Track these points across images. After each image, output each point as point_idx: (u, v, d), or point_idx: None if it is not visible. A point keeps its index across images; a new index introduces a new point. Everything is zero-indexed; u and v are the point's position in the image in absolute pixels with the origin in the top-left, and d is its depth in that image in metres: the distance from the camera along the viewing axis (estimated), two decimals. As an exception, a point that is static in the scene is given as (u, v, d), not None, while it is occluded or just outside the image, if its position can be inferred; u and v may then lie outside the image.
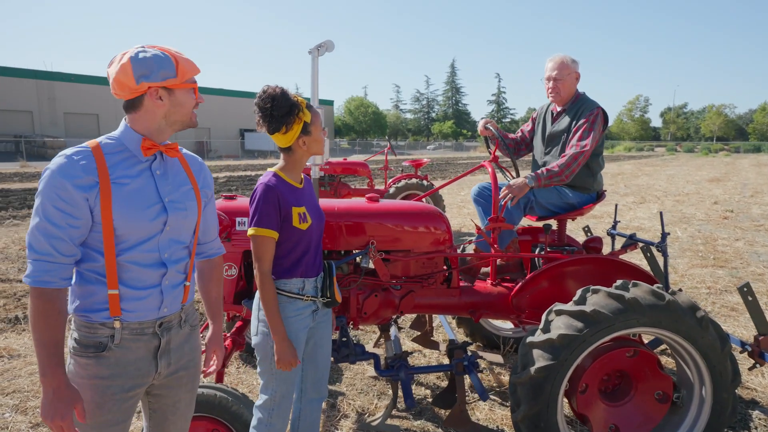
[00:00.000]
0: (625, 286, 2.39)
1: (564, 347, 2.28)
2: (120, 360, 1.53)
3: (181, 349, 1.68)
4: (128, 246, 1.50)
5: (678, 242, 8.49)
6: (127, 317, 1.52)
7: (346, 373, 3.70)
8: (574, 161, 3.04)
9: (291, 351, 2.00)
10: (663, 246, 3.05)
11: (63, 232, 1.40)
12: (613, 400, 2.52)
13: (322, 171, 8.74)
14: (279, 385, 2.08)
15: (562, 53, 3.23)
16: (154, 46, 1.50)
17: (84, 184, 1.41)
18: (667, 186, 18.20)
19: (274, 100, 1.92)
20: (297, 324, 2.06)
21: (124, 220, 1.47)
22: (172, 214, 1.57)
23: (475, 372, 2.66)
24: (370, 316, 2.80)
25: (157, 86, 1.48)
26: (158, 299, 1.58)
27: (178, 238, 1.61)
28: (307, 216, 2.04)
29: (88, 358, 1.50)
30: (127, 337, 1.53)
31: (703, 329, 2.33)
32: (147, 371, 1.59)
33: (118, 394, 1.55)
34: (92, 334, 1.50)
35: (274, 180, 1.99)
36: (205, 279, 1.88)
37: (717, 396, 2.39)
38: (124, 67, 1.45)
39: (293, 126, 1.94)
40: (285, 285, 2.04)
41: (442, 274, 2.91)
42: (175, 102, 1.53)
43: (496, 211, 2.95)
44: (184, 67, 1.52)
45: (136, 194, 1.50)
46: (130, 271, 1.52)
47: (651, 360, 2.46)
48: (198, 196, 1.68)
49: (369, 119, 76.85)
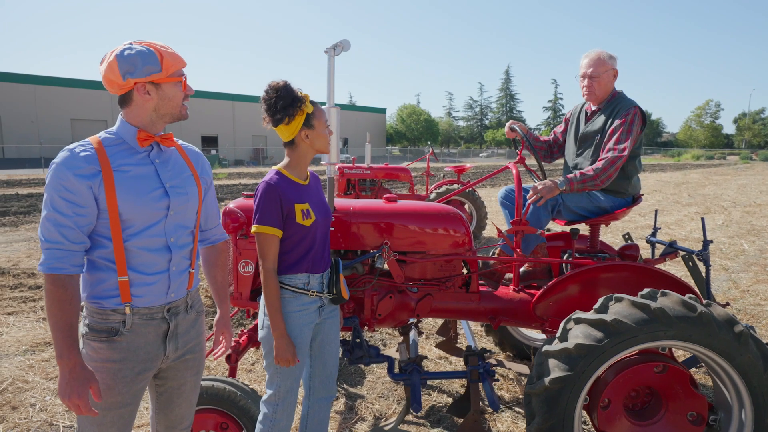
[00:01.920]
0: (653, 295, 2.21)
1: (581, 358, 2.14)
2: (131, 344, 1.61)
3: (188, 334, 1.76)
4: (135, 231, 1.57)
5: (744, 255, 7.84)
6: (137, 303, 1.60)
7: (369, 376, 3.66)
8: (611, 166, 2.87)
9: (290, 348, 1.99)
10: (705, 254, 2.82)
11: (70, 221, 1.48)
12: (641, 419, 2.33)
13: (364, 176, 8.81)
14: (283, 380, 2.08)
15: (599, 48, 3.07)
16: (141, 42, 1.56)
17: (86, 173, 1.49)
18: (737, 196, 16.88)
19: (277, 92, 1.95)
20: (302, 319, 2.06)
21: (128, 205, 1.54)
22: (174, 198, 1.64)
23: (489, 380, 2.54)
24: (385, 318, 2.75)
25: (143, 82, 1.54)
26: (166, 284, 1.65)
27: (182, 222, 1.68)
28: (311, 212, 2.04)
29: (100, 342, 1.58)
30: (137, 322, 1.61)
31: (741, 346, 2.11)
32: (156, 355, 1.67)
33: (128, 377, 1.62)
34: (104, 320, 1.58)
35: (276, 178, 2.01)
36: (211, 265, 1.96)
37: (759, 421, 2.15)
38: (111, 65, 1.52)
39: (295, 117, 1.96)
40: (290, 280, 2.04)
41: (460, 277, 2.82)
42: (163, 96, 1.59)
43: (519, 214, 2.83)
44: (169, 61, 1.56)
45: (138, 180, 1.57)
46: (139, 257, 1.59)
47: (683, 377, 2.25)
48: (198, 183, 1.76)
49: (421, 127, 76.79)
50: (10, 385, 3.47)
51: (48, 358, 3.92)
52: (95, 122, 41.93)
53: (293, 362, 2.01)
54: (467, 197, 8.59)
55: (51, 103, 41.02)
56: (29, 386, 3.46)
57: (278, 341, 1.99)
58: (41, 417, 3.08)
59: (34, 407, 3.19)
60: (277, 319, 1.99)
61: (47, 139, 38.77)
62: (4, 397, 3.31)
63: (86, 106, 41.63)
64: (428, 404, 3.26)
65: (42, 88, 41.00)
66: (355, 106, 76.40)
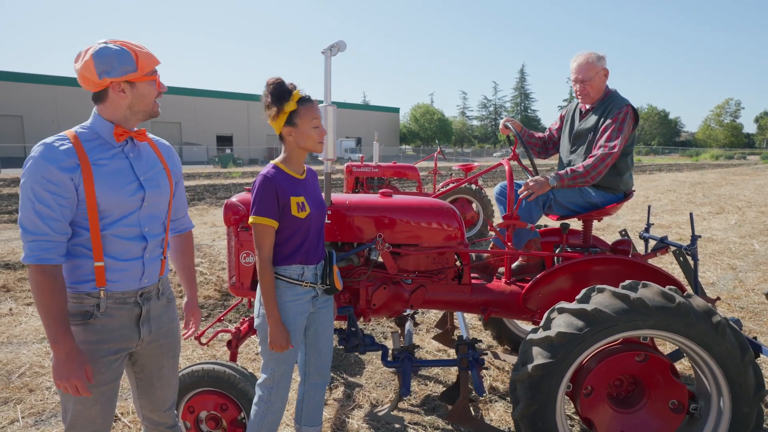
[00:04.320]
0: (634, 286, 2.29)
1: (563, 346, 2.22)
2: (105, 326, 1.69)
3: (160, 319, 1.85)
4: (111, 221, 1.65)
5: (753, 255, 7.78)
6: (111, 287, 1.68)
7: (368, 366, 3.78)
8: (601, 162, 2.93)
9: (284, 335, 2.11)
10: (693, 249, 2.88)
11: (56, 212, 1.55)
12: (624, 406, 2.41)
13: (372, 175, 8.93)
14: (277, 365, 2.20)
15: (587, 51, 3.13)
16: (116, 41, 1.64)
17: (68, 166, 1.56)
18: (754, 196, 16.62)
19: (267, 87, 2.06)
20: (295, 308, 2.17)
21: (106, 196, 1.62)
22: (148, 191, 1.73)
23: (477, 368, 2.64)
24: (380, 308, 2.86)
25: (118, 81, 1.61)
26: (140, 270, 1.74)
27: (155, 213, 1.77)
28: (306, 205, 2.14)
29: (76, 326, 1.65)
30: (111, 306, 1.69)
31: (719, 335, 2.17)
32: (130, 337, 1.75)
33: (105, 357, 1.70)
34: (79, 303, 1.66)
35: (273, 171, 2.12)
36: (179, 251, 2.06)
37: (736, 409, 2.22)
38: (87, 64, 1.59)
39: (279, 115, 2.06)
40: (285, 271, 2.15)
41: (453, 270, 2.91)
42: (137, 94, 1.66)
43: (511, 209, 2.92)
44: (144, 61, 1.63)
45: (115, 174, 1.66)
46: (114, 245, 1.67)
47: (664, 366, 2.32)
48: (169, 176, 1.85)
49: (434, 126, 76.67)
50: (28, 369, 3.66)
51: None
52: None
53: (287, 348, 2.13)
54: (474, 195, 8.64)
55: (71, 103, 41.88)
56: (45, 371, 3.64)
57: (273, 328, 2.10)
58: (55, 399, 3.25)
59: (49, 390, 3.37)
60: (272, 307, 2.10)
61: (67, 138, 39.59)
62: (22, 380, 3.50)
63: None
64: (424, 393, 3.36)
65: (62, 89, 41.94)
66: (368, 105, 76.63)
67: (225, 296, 5.42)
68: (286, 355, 2.19)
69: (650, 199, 15.56)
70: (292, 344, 2.17)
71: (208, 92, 50.75)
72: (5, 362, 3.78)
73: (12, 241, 8.43)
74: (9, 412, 3.11)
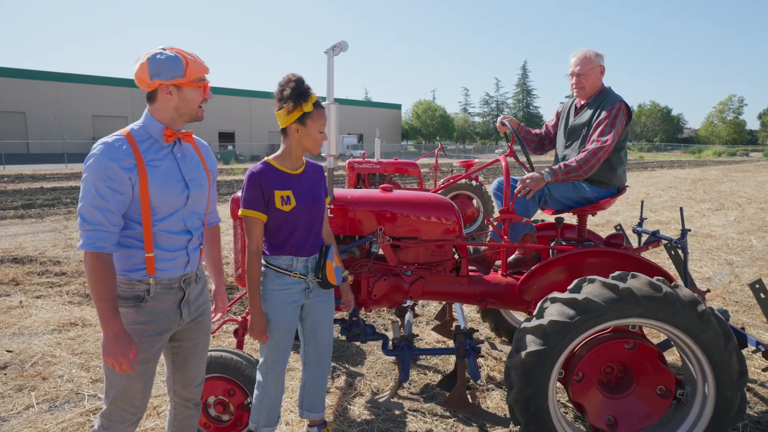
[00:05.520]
0: (623, 276, 2.39)
1: (555, 333, 2.33)
2: (153, 309, 1.86)
3: (197, 300, 2.03)
4: (161, 217, 1.82)
5: (751, 251, 7.86)
6: (160, 275, 1.85)
7: (369, 357, 3.89)
8: (593, 157, 3.03)
9: (261, 324, 2.23)
10: (683, 242, 2.98)
11: (113, 206, 1.70)
12: (614, 392, 2.51)
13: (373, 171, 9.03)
14: (270, 351, 2.31)
15: (585, 48, 3.23)
16: (172, 48, 1.80)
17: (127, 166, 1.72)
18: (754, 193, 16.67)
19: (289, 83, 2.17)
20: (284, 298, 2.27)
21: (158, 195, 1.78)
22: (193, 190, 1.90)
23: (473, 356, 2.75)
24: (381, 299, 2.97)
25: (166, 84, 1.77)
26: (185, 260, 1.92)
27: (196, 210, 1.94)
28: (292, 199, 2.23)
29: (128, 308, 1.81)
30: (159, 291, 1.86)
31: (704, 324, 2.27)
32: (174, 318, 1.93)
33: (152, 337, 1.87)
34: (131, 289, 1.82)
35: (261, 167, 2.24)
36: (208, 242, 2.21)
37: (720, 394, 2.32)
38: (143, 66, 1.76)
39: (294, 111, 2.17)
40: (274, 260, 2.27)
41: (451, 262, 3.02)
42: (183, 97, 1.82)
43: (507, 204, 3.02)
44: (193, 68, 1.80)
45: (166, 174, 1.82)
46: (163, 239, 1.84)
47: (652, 353, 2.43)
48: (208, 175, 2.01)
49: (436, 123, 76.63)
50: (40, 359, 3.78)
51: (74, 336, 4.24)
52: (116, 118, 42.90)
53: (263, 338, 2.24)
54: (475, 192, 8.74)
55: (73, 99, 42.12)
56: (57, 360, 3.77)
57: (253, 316, 2.22)
58: (68, 387, 3.38)
59: (62, 378, 3.50)
60: (254, 296, 2.22)
61: (70, 134, 39.83)
62: (35, 369, 3.62)
63: (107, 102, 42.63)
64: (423, 382, 3.47)
65: (64, 85, 42.09)
66: (370, 102, 76.57)
67: (229, 289, 5.54)
68: (276, 343, 2.30)
69: (651, 196, 15.63)
70: (279, 333, 2.27)
71: (210, 89, 50.71)
72: (18, 352, 3.90)
73: (19, 236, 8.57)
74: (24, 398, 3.23)
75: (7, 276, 5.94)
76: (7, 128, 39.15)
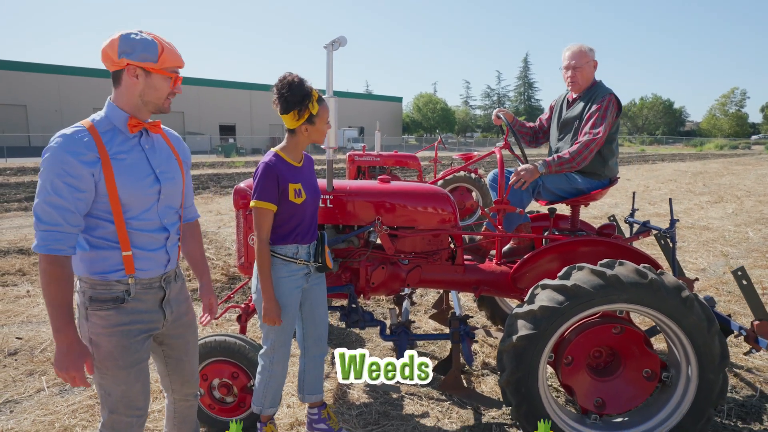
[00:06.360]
0: (611, 264, 2.48)
1: (545, 318, 2.43)
2: (135, 309, 1.75)
3: (178, 299, 1.93)
4: (133, 215, 1.70)
5: (747, 242, 7.95)
6: (139, 275, 1.74)
7: (367, 344, 4.00)
8: (585, 148, 3.11)
9: (276, 309, 2.31)
10: (671, 232, 3.07)
11: (71, 204, 1.55)
12: (602, 375, 2.62)
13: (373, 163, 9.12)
14: (276, 336, 2.41)
15: (579, 42, 3.31)
16: (150, 33, 1.67)
17: (88, 160, 1.57)
18: (754, 186, 16.73)
19: (290, 87, 2.20)
20: (290, 283, 2.38)
21: (126, 190, 1.66)
22: (164, 184, 1.77)
23: (468, 341, 2.85)
24: (378, 286, 3.07)
25: (135, 65, 1.62)
26: (165, 258, 1.82)
27: (171, 204, 1.83)
28: (302, 192, 2.33)
29: (108, 310, 1.69)
30: (139, 291, 1.75)
31: (687, 309, 2.37)
32: (157, 318, 1.83)
33: (139, 336, 1.77)
34: (109, 290, 1.69)
35: (274, 159, 2.31)
36: (188, 240, 2.11)
37: (703, 376, 2.42)
38: (113, 42, 1.62)
39: (303, 114, 2.23)
40: (281, 249, 2.36)
41: (447, 251, 3.11)
42: (150, 84, 1.67)
43: (502, 194, 3.11)
44: (167, 56, 1.66)
45: (133, 167, 1.69)
46: (140, 237, 1.72)
47: (638, 337, 2.53)
48: (181, 167, 1.89)
49: (437, 116, 76.48)
50: (49, 345, 3.90)
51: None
52: None
53: (278, 322, 2.33)
54: (474, 184, 8.82)
55: (74, 92, 42.11)
56: (65, 347, 3.88)
57: (266, 303, 2.30)
58: (77, 372, 3.49)
59: (70, 363, 3.61)
60: (267, 284, 2.30)
61: (71, 127, 39.79)
62: (44, 355, 3.74)
63: (108, 95, 42.50)
64: (420, 368, 3.58)
65: (66, 78, 42.09)
66: (371, 95, 76.36)
67: (231, 280, 5.65)
68: (284, 326, 2.40)
69: (650, 189, 15.70)
70: (287, 317, 2.37)
71: (211, 81, 50.78)
72: (27, 339, 4.02)
73: (23, 228, 8.68)
74: (35, 382, 3.35)
75: (14, 266, 6.06)
76: (8, 121, 39.25)
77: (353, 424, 2.90)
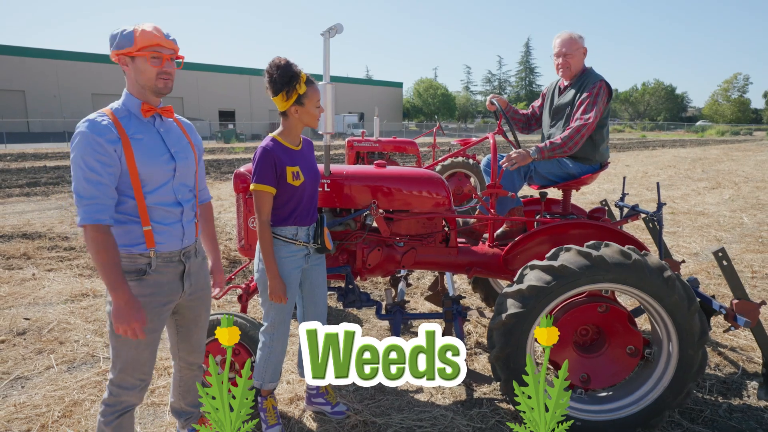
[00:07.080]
0: (597, 245, 2.58)
1: (532, 297, 2.53)
2: (156, 281, 1.95)
3: (197, 274, 2.14)
4: (150, 189, 1.89)
5: (741, 228, 8.06)
6: (159, 248, 1.94)
7: (364, 325, 4.12)
8: (577, 134, 3.19)
9: (282, 287, 2.42)
10: (658, 215, 3.16)
11: (105, 178, 1.77)
12: (587, 352, 2.73)
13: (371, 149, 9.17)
14: (277, 314, 2.52)
15: (569, 30, 3.37)
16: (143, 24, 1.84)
17: (112, 139, 1.79)
18: (752, 172, 16.78)
19: (278, 69, 2.29)
20: (291, 263, 2.48)
21: (145, 167, 1.86)
22: (179, 162, 1.98)
23: (459, 319, 2.96)
24: (374, 268, 3.17)
25: (119, 53, 1.83)
26: (180, 232, 2.01)
27: (185, 182, 2.03)
28: (300, 174, 2.42)
29: (131, 281, 1.89)
30: (160, 264, 1.95)
31: (669, 288, 2.47)
32: (176, 290, 2.03)
33: (157, 307, 1.97)
34: (133, 263, 1.90)
35: (272, 144, 2.40)
36: (203, 221, 2.29)
37: (683, 352, 2.54)
38: None
39: (291, 95, 2.32)
40: (281, 231, 2.45)
41: (441, 234, 3.21)
42: (136, 68, 1.85)
43: (494, 179, 3.20)
44: (140, 37, 1.80)
45: (150, 147, 1.90)
46: (156, 211, 1.92)
47: (622, 316, 2.64)
48: (193, 149, 2.10)
49: (438, 101, 76.05)
50: (56, 326, 4.02)
51: (86, 306, 4.47)
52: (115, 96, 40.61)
53: (284, 299, 2.44)
54: (472, 170, 8.89)
55: (73, 78, 41.90)
56: (72, 327, 4.01)
57: (272, 282, 2.41)
58: (84, 350, 3.62)
59: (77, 342, 3.74)
60: (271, 263, 2.40)
61: (70, 113, 39.70)
62: (52, 335, 3.86)
63: (106, 80, 42.33)
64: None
65: (64, 63, 41.83)
66: (371, 80, 75.85)
67: (232, 263, 5.77)
68: (284, 305, 2.50)
69: (649, 175, 15.75)
70: (289, 296, 2.48)
71: (210, 66, 50.46)
72: (35, 320, 4.15)
73: (26, 213, 8.79)
74: (44, 360, 3.48)
75: (19, 250, 6.17)
76: (6, 107, 39.09)
77: (350, 399, 3.02)
